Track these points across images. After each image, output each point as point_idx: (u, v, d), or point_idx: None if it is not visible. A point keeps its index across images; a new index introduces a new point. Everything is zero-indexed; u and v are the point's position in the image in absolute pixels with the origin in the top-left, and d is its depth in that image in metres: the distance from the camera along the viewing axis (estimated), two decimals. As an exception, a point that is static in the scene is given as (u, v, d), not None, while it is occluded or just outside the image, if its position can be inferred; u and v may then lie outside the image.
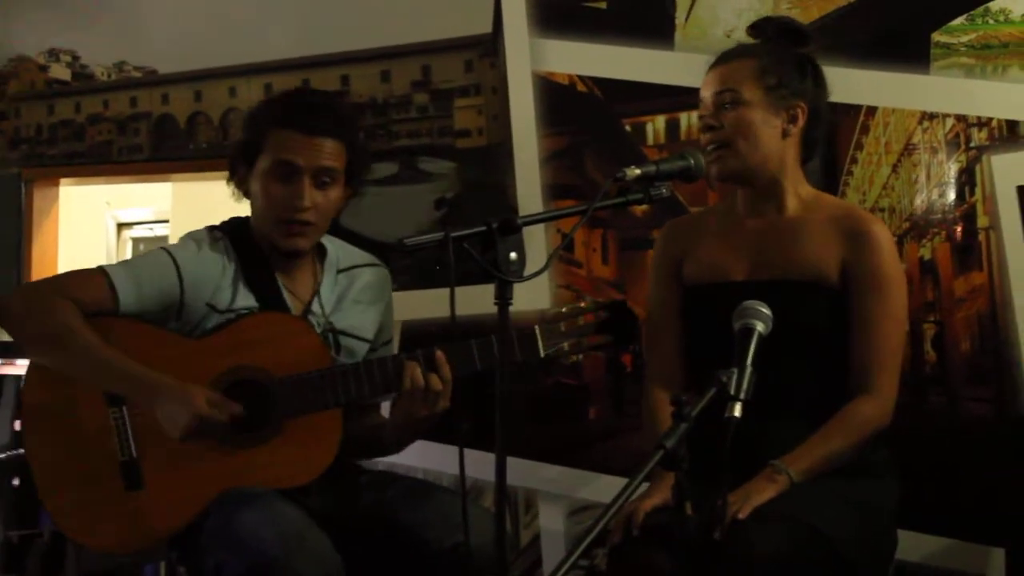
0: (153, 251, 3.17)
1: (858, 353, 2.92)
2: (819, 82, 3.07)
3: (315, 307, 3.19)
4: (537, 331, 3.05)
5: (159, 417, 2.97)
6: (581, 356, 3.10)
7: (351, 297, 3.26)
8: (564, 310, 3.09)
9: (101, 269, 3.08)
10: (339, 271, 3.26)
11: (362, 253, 3.34)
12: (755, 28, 3.15)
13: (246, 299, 3.12)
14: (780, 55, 3.02)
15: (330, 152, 3.10)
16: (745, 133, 2.95)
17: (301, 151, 3.07)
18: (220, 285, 3.11)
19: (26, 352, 3.16)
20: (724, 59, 3.04)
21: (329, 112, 3.13)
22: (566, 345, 3.07)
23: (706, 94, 3.02)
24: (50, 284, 3.18)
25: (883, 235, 2.96)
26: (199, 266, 3.10)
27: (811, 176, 3.11)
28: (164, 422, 2.96)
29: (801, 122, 3.01)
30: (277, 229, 3.12)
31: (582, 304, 3.10)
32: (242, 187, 3.20)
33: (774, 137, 2.99)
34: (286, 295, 3.17)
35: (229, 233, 3.20)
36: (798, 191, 3.04)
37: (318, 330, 3.15)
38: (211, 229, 3.21)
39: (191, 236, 3.19)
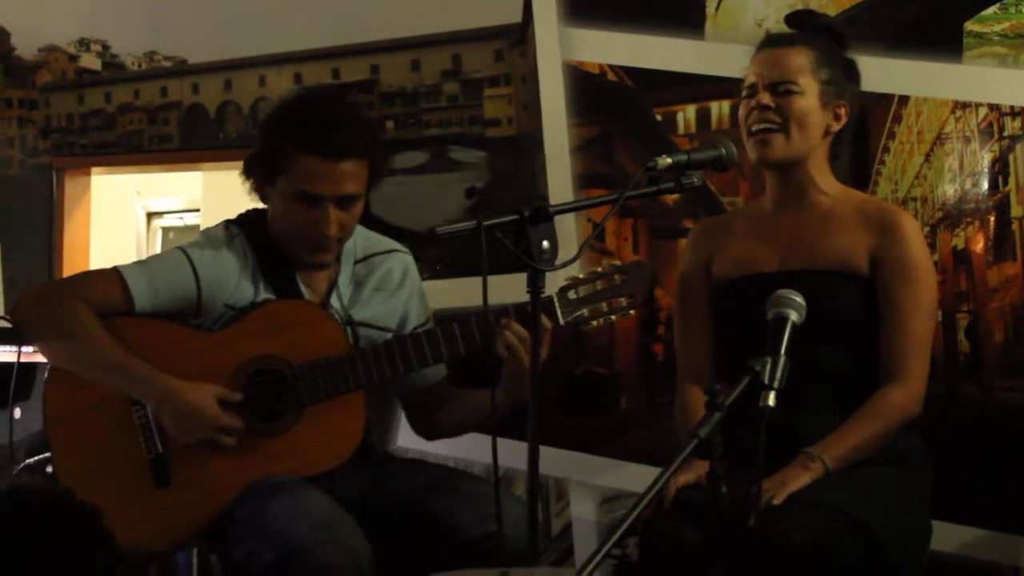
0: (170, 251, 3.18)
1: (888, 342, 2.93)
2: (859, 85, 3.09)
3: (333, 301, 3.19)
4: (555, 298, 3.04)
5: (166, 424, 2.98)
6: (603, 321, 3.08)
7: (370, 286, 3.25)
8: (581, 276, 3.08)
9: (116, 270, 3.09)
10: (356, 261, 3.25)
11: (383, 239, 3.32)
12: (794, 18, 3.15)
13: (266, 296, 3.13)
14: (831, 51, 3.04)
15: (352, 175, 3.06)
16: (801, 122, 2.96)
17: (323, 180, 3.03)
18: (238, 285, 3.11)
19: (40, 353, 3.17)
20: (780, 43, 3.05)
21: (350, 130, 3.07)
22: (586, 311, 3.06)
23: (761, 72, 3.01)
24: (64, 285, 3.21)
25: (911, 225, 2.99)
26: (217, 268, 3.10)
27: (840, 170, 3.12)
28: (173, 430, 2.98)
29: (843, 122, 3.02)
30: (300, 246, 3.11)
31: (599, 269, 3.09)
32: (259, 192, 3.18)
33: (819, 132, 3.01)
34: (304, 291, 3.17)
35: (246, 228, 3.19)
36: (827, 187, 3.05)
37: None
38: (227, 225, 3.21)
39: (208, 235, 3.18)
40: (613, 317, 3.08)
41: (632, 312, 3.11)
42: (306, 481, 2.98)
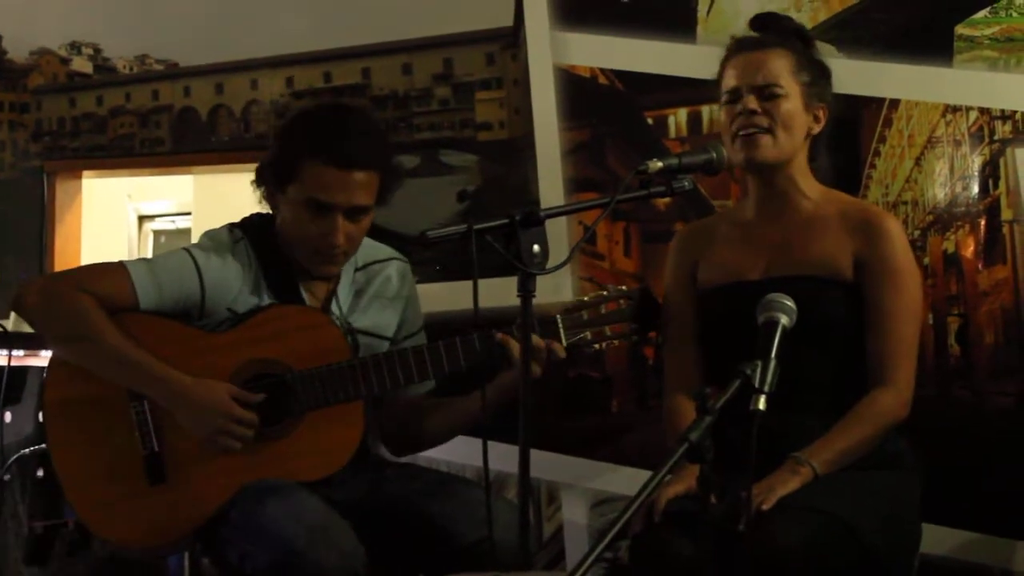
0: (176, 252, 3.17)
1: (874, 345, 2.93)
2: (831, 88, 3.10)
3: (333, 308, 3.19)
4: (559, 320, 3.05)
5: (182, 420, 2.99)
6: (604, 345, 3.09)
7: (370, 294, 3.26)
8: (586, 299, 3.09)
9: (122, 265, 3.09)
10: (356, 269, 3.26)
11: (383, 248, 3.33)
12: (759, 21, 3.15)
13: (269, 302, 3.13)
14: (807, 54, 3.04)
15: (364, 186, 3.07)
16: (787, 124, 2.97)
17: (336, 190, 3.04)
18: (242, 290, 3.12)
19: (46, 344, 3.17)
20: (757, 46, 3.04)
21: (365, 141, 3.10)
22: (588, 334, 3.06)
23: (743, 75, 3.01)
24: (71, 277, 3.20)
25: (895, 228, 2.99)
26: (222, 273, 3.11)
27: (822, 172, 3.12)
28: (189, 425, 2.98)
29: (822, 124, 3.03)
30: (309, 257, 3.12)
31: (604, 292, 3.10)
32: (270, 201, 3.19)
33: (803, 134, 3.01)
34: (306, 297, 3.18)
35: (249, 232, 3.20)
36: (809, 189, 3.05)
37: None
38: (231, 229, 3.21)
39: (212, 239, 3.19)
40: (616, 342, 3.09)
41: (635, 338, 3.11)
42: (301, 485, 2.98)
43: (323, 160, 3.04)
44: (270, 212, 3.23)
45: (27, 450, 3.91)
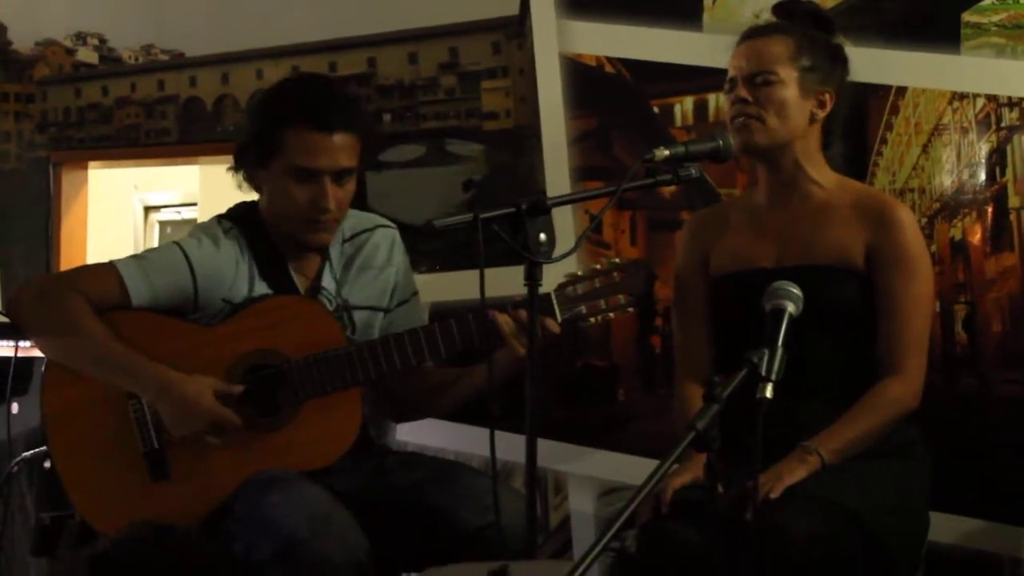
0: (166, 247, 3.18)
1: (885, 335, 2.93)
2: (846, 70, 3.08)
3: (325, 281, 3.20)
4: (553, 296, 3.04)
5: (163, 416, 2.99)
6: (601, 318, 3.08)
7: (359, 264, 3.27)
8: (580, 273, 3.07)
9: (113, 266, 3.09)
10: (344, 240, 3.26)
11: (369, 216, 3.34)
12: (781, 8, 3.15)
13: (261, 290, 3.15)
14: (813, 38, 3.03)
15: (347, 148, 3.08)
16: (777, 110, 2.96)
17: (320, 153, 3.05)
18: (235, 280, 3.13)
19: (37, 346, 3.17)
20: (759, 34, 3.05)
21: (343, 104, 3.12)
22: (583, 308, 3.05)
23: (740, 65, 3.02)
24: (62, 279, 3.22)
25: (907, 217, 2.98)
26: (213, 264, 3.11)
27: (834, 160, 3.11)
28: (168, 421, 2.98)
29: (828, 108, 3.02)
30: (301, 227, 3.13)
31: (597, 266, 3.08)
32: (252, 182, 3.19)
33: (803, 120, 3.00)
34: (297, 279, 3.19)
35: (238, 222, 3.20)
36: (820, 177, 3.04)
37: (330, 307, 3.16)
38: (219, 220, 3.22)
39: (202, 230, 3.19)
40: (611, 315, 3.08)
41: (631, 310, 3.10)
42: (304, 475, 2.98)
43: (304, 126, 3.05)
44: (252, 200, 3.24)
45: (28, 452, 3.91)
